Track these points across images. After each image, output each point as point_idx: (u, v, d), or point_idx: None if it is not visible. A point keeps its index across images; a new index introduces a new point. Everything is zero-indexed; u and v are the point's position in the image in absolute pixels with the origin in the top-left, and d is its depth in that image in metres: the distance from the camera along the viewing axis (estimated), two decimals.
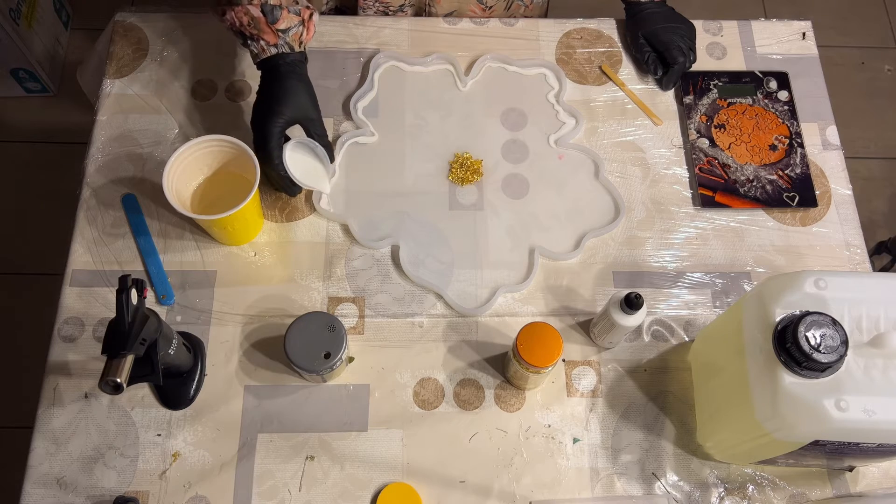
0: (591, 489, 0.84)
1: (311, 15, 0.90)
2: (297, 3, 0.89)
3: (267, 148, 0.87)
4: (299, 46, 0.90)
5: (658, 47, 1.05)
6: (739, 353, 0.72)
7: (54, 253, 0.99)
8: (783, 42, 1.11)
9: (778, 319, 0.68)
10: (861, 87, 2.13)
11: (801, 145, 1.03)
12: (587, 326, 0.91)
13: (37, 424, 0.83)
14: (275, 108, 0.87)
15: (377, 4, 1.10)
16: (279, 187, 0.93)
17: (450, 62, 1.06)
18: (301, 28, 0.89)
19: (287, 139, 0.90)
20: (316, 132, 0.91)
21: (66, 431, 0.83)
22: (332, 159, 0.93)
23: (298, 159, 0.91)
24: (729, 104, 1.05)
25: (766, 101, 1.06)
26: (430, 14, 1.12)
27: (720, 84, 1.07)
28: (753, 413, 0.70)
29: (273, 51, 0.88)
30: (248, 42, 0.88)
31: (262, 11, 0.86)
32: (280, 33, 0.87)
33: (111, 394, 0.69)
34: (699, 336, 0.90)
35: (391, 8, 1.11)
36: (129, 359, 0.70)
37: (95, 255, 0.92)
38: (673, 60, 1.03)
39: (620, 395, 0.88)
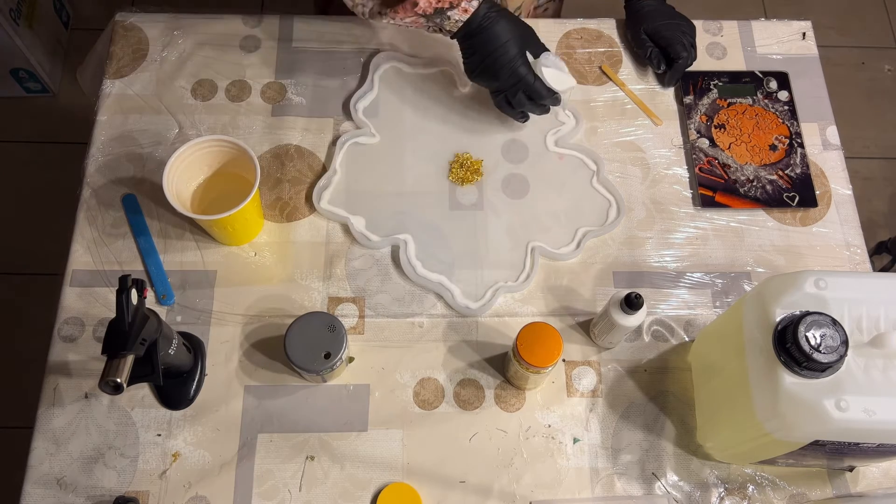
0: (591, 489, 0.84)
1: None
2: None
3: (533, 86, 0.92)
4: None
5: (661, 43, 1.05)
6: (739, 353, 0.72)
7: (54, 253, 0.99)
8: (783, 42, 1.11)
9: (778, 319, 0.68)
10: (861, 87, 2.13)
11: (801, 145, 1.03)
12: (587, 326, 0.91)
13: (37, 424, 0.83)
14: (511, 50, 0.90)
15: None
16: (532, 112, 0.98)
17: (450, 62, 1.06)
18: None
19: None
20: (537, 46, 0.94)
21: (66, 431, 0.83)
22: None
23: (547, 75, 0.93)
24: (729, 104, 1.05)
25: (766, 101, 1.06)
26: None
27: (720, 84, 1.07)
28: (754, 413, 0.70)
29: (475, 4, 0.88)
30: (447, 13, 0.88)
31: None
32: None
33: (111, 394, 0.69)
34: (699, 336, 0.90)
35: None
36: (129, 359, 0.70)
37: (95, 255, 0.92)
38: (676, 56, 1.03)
39: (620, 395, 0.88)
